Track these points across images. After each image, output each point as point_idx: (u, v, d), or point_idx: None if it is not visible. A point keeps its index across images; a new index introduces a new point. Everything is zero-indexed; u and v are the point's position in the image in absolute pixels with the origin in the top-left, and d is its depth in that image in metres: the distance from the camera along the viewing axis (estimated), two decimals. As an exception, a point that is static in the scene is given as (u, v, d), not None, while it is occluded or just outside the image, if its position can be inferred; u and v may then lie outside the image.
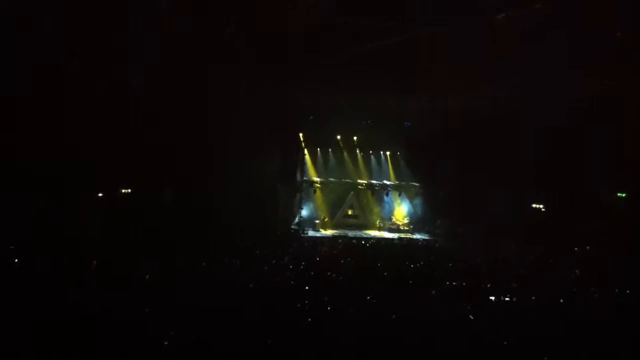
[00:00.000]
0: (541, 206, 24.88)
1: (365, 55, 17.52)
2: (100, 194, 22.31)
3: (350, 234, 26.58)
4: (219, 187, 23.47)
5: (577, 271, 15.49)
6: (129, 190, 23.56)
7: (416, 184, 29.19)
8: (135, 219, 20.43)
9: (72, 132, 19.45)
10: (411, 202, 29.57)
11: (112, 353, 7.00)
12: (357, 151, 29.92)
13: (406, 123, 27.58)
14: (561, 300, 11.41)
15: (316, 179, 29.00)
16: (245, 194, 23.48)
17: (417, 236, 27.28)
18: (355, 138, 29.29)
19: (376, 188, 29.38)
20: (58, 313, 8.23)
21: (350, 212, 29.75)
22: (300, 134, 28.65)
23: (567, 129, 21.12)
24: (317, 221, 28.01)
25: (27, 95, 17.84)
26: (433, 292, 11.86)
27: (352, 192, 29.53)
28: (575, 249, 19.97)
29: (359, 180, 29.45)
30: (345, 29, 16.14)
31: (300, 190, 28.57)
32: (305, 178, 28.94)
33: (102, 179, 21.61)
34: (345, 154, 29.82)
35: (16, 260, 12.40)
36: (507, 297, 11.41)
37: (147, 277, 11.72)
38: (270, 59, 18.56)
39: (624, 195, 22.31)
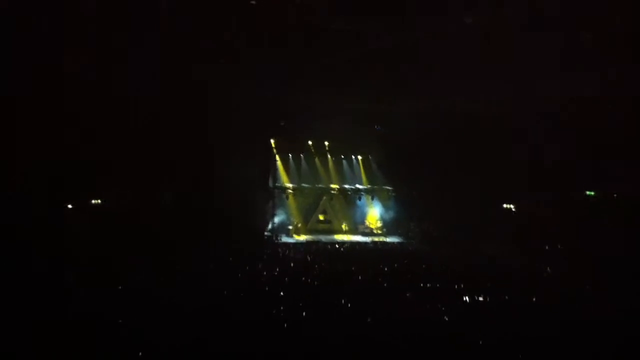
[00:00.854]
0: (512, 206, 25.20)
1: (339, 59, 17.47)
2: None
3: (324, 239, 26.53)
4: (190, 195, 23.18)
5: (548, 269, 15.77)
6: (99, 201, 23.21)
7: (389, 188, 29.32)
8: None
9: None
10: (384, 205, 29.67)
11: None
12: (329, 156, 29.90)
13: (377, 127, 27.68)
14: (534, 299, 11.59)
15: (289, 185, 28.92)
16: (218, 201, 23.24)
17: (390, 239, 27.38)
18: (327, 143, 29.29)
19: (349, 193, 29.42)
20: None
21: (323, 218, 29.72)
22: (272, 140, 28.52)
23: (537, 131, 21.46)
24: (291, 227, 27.89)
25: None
26: (407, 294, 11.93)
27: (324, 198, 29.53)
28: (546, 247, 20.29)
29: (331, 185, 29.45)
30: (318, 31, 16.07)
31: (273, 196, 28.43)
32: (277, 184, 28.83)
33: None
34: (317, 159, 29.79)
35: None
36: (480, 297, 11.54)
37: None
38: (241, 61, 18.38)
39: (592, 193, 22.73)
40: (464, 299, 11.50)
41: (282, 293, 11.75)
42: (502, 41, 16.23)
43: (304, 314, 9.82)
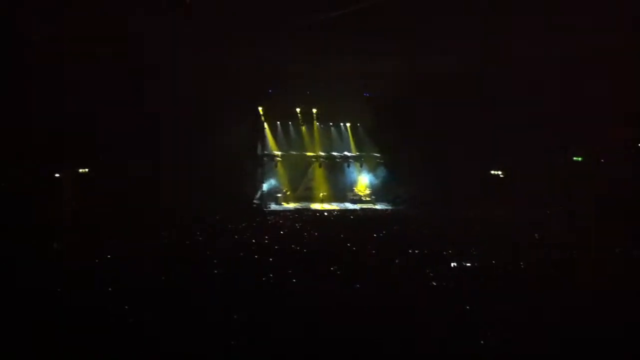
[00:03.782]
0: (499, 172, 25.31)
1: (327, 20, 17.16)
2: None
3: (313, 206, 26.60)
4: (181, 162, 23.02)
5: (536, 235, 15.92)
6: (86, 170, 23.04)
7: (377, 155, 29.31)
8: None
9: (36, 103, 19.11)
10: (373, 172, 29.71)
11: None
12: (317, 123, 29.71)
13: (365, 93, 27.48)
14: (521, 264, 11.72)
15: (277, 152, 28.81)
16: (207, 168, 23.13)
17: (379, 206, 27.52)
18: (315, 110, 29.06)
19: (337, 160, 29.39)
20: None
21: (311, 185, 29.72)
22: (260, 108, 28.26)
23: (523, 94, 21.43)
24: (279, 195, 27.91)
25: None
26: (396, 260, 12.02)
27: (313, 165, 29.48)
28: (535, 211, 20.46)
29: (320, 153, 29.37)
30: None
31: (261, 164, 28.36)
32: (266, 152, 28.72)
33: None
34: (304, 127, 29.60)
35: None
36: (468, 263, 11.64)
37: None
38: (229, 26, 18.05)
39: (580, 158, 22.87)
40: (452, 264, 11.60)
41: (271, 260, 11.81)
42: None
43: (293, 281, 9.88)
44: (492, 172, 25.40)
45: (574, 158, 22.90)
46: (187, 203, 20.89)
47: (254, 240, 14.64)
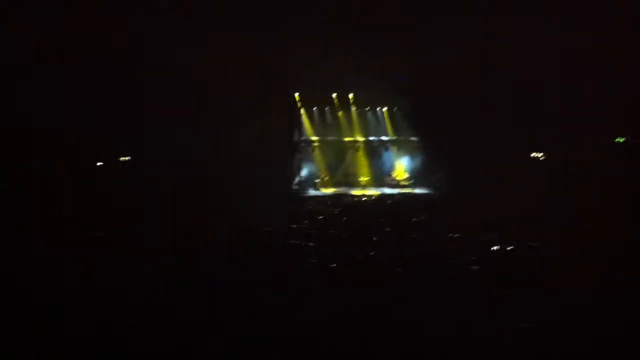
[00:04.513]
0: (540, 155, 24.82)
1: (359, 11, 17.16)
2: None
3: (351, 191, 26.66)
4: (220, 150, 23.38)
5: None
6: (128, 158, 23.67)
7: (415, 139, 29.09)
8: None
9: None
10: (410, 157, 29.52)
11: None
12: (354, 109, 29.65)
13: (402, 77, 27.24)
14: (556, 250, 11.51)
15: (314, 138, 28.92)
16: (246, 154, 23.41)
17: (417, 191, 27.36)
18: (351, 95, 28.99)
19: (374, 145, 29.32)
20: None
21: (350, 170, 29.74)
22: (296, 94, 28.36)
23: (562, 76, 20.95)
24: (317, 180, 28.05)
25: None
26: (436, 244, 11.99)
27: (350, 150, 29.48)
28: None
29: (357, 138, 29.34)
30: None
31: (299, 150, 28.52)
32: (303, 137, 28.85)
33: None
34: (341, 112, 29.58)
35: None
36: (509, 247, 11.51)
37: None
38: (264, 19, 18.21)
39: (622, 140, 22.23)
40: (492, 248, 11.50)
41: (311, 245, 11.94)
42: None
43: (334, 266, 9.98)
44: (533, 154, 24.92)
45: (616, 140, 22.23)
46: (229, 193, 21.16)
47: (294, 226, 14.80)
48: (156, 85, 21.34)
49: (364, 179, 29.06)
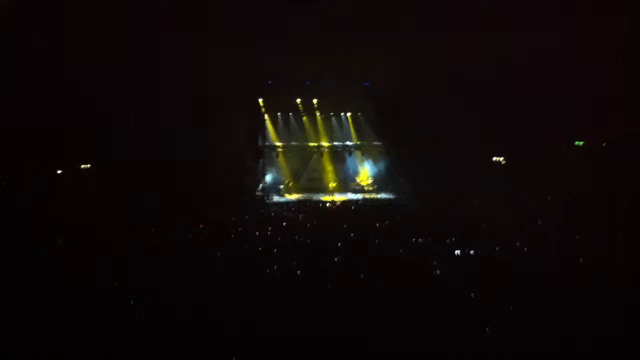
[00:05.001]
0: (501, 159, 25.20)
1: (327, 15, 17.14)
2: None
3: (315, 197, 26.56)
4: (181, 157, 22.96)
5: (539, 222, 15.82)
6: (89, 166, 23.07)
7: (378, 144, 29.21)
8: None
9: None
10: (374, 162, 29.64)
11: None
12: (318, 114, 29.61)
13: (366, 83, 27.39)
14: (525, 249, 11.71)
15: (278, 143, 28.79)
16: (209, 161, 23.10)
17: (381, 196, 27.45)
18: (315, 101, 28.96)
19: (338, 150, 29.35)
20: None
21: (314, 175, 29.67)
22: (260, 100, 28.19)
23: (521, 82, 21.35)
24: (282, 186, 27.90)
25: None
26: (400, 250, 12.00)
27: (314, 155, 29.44)
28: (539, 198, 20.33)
29: (321, 143, 29.31)
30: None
31: (263, 155, 28.34)
32: (267, 143, 28.70)
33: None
34: (305, 117, 29.52)
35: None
36: (472, 251, 11.62)
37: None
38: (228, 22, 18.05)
39: (581, 143, 22.76)
40: (456, 252, 11.59)
41: (275, 251, 11.82)
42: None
43: (298, 272, 9.88)
44: (494, 158, 25.29)
45: (576, 143, 22.79)
46: (188, 198, 20.77)
47: (257, 233, 14.64)
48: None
49: (331, 184, 28.96)
